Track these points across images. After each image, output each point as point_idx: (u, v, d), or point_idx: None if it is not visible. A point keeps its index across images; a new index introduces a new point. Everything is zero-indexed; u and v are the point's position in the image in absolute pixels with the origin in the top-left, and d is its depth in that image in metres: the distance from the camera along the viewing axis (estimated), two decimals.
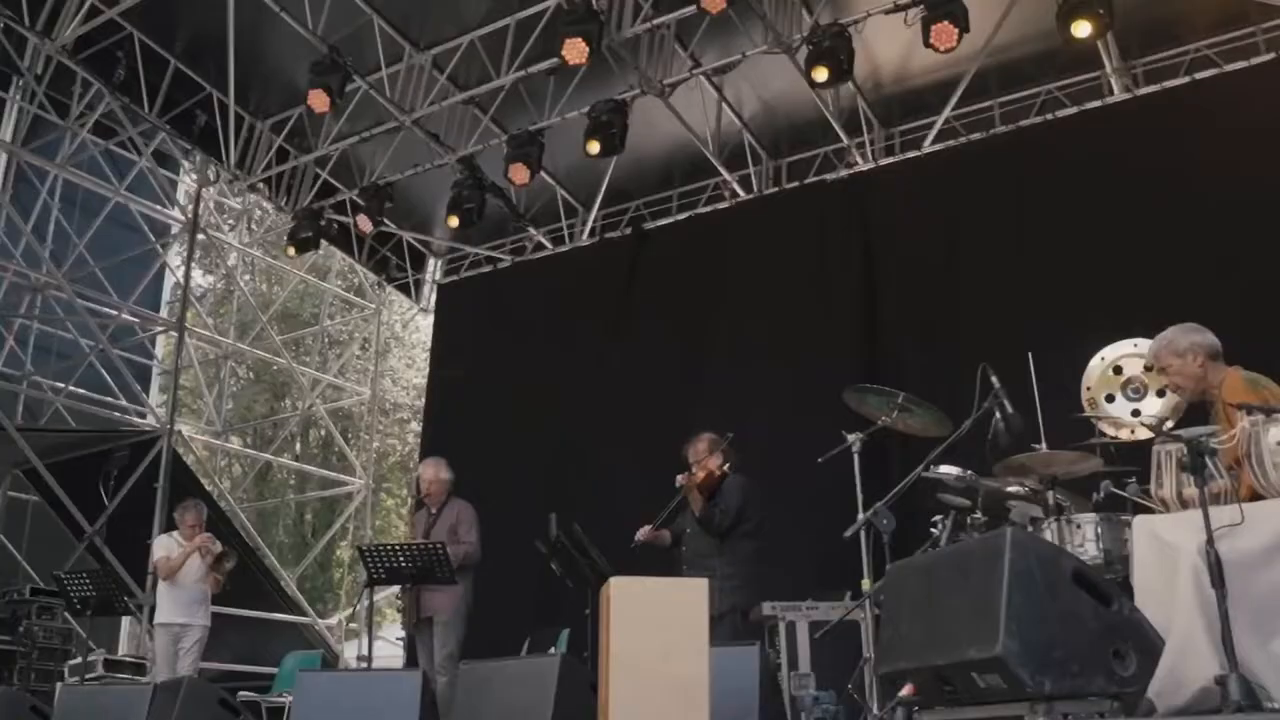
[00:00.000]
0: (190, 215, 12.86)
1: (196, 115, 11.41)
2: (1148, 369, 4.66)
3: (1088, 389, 4.99)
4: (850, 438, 4.80)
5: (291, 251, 11.86)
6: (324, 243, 12.37)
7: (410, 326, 19.28)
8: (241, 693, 8.99)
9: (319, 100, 9.70)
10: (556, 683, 4.98)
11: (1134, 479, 4.17)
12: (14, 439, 10.22)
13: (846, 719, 4.48)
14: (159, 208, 14.19)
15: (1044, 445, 4.45)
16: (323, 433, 16.78)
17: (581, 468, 10.10)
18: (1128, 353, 4.96)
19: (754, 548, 6.30)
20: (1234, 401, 3.67)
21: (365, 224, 11.26)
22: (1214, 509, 3.26)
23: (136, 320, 13.42)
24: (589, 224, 12.31)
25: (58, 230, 13.04)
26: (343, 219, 12.19)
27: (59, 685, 8.36)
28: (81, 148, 12.54)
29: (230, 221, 15.38)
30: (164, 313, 15.01)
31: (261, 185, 12.15)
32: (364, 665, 7.35)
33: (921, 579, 3.50)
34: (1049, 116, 9.61)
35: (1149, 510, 3.86)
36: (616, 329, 10.85)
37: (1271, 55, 8.74)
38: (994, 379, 4.39)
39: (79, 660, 8.90)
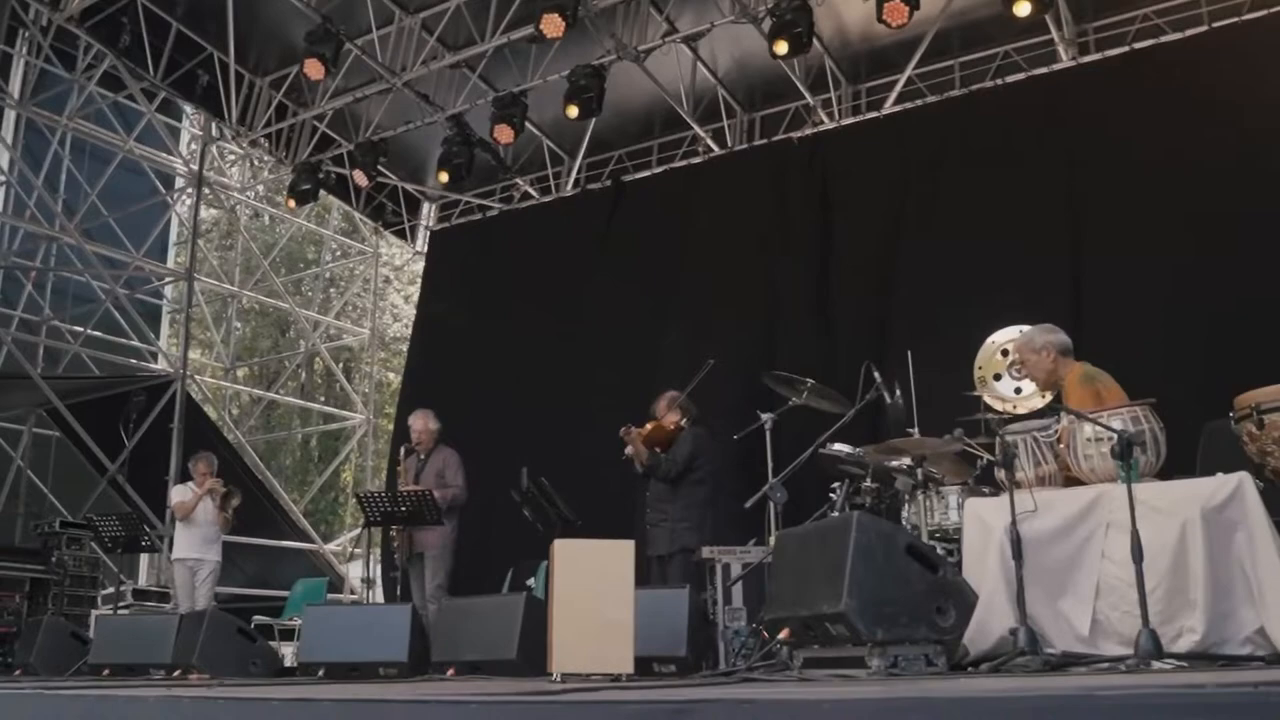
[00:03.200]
0: (195, 168, 13.49)
1: (198, 75, 12.02)
2: (1011, 363, 5.41)
3: (979, 368, 5.76)
4: (764, 417, 5.60)
5: (291, 203, 12.53)
6: (323, 192, 13.05)
7: (409, 264, 19.95)
8: (255, 616, 9.98)
9: (314, 69, 10.34)
10: (521, 617, 5.87)
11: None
12: (38, 384, 11.00)
13: (758, 648, 5.30)
14: (166, 156, 14.82)
15: (916, 431, 5.22)
16: (333, 364, 17.56)
17: (558, 412, 10.77)
18: (1013, 338, 5.70)
19: (706, 494, 7.07)
20: (1077, 390, 4.47)
21: (361, 178, 11.94)
22: (1037, 492, 4.08)
23: (146, 270, 14.12)
24: (573, 174, 12.97)
25: (69, 180, 13.67)
26: (341, 170, 12.84)
27: (93, 613, 9.28)
28: (89, 100, 13.14)
29: (234, 157, 15.97)
30: (172, 255, 15.71)
31: (262, 140, 12.79)
32: (368, 588, 8.23)
33: (796, 546, 4.35)
34: (999, 82, 10.14)
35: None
36: (594, 278, 11.49)
37: (1205, 28, 9.26)
38: (876, 375, 5.16)
39: (110, 590, 9.81)
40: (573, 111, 10.46)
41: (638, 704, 2.12)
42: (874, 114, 10.82)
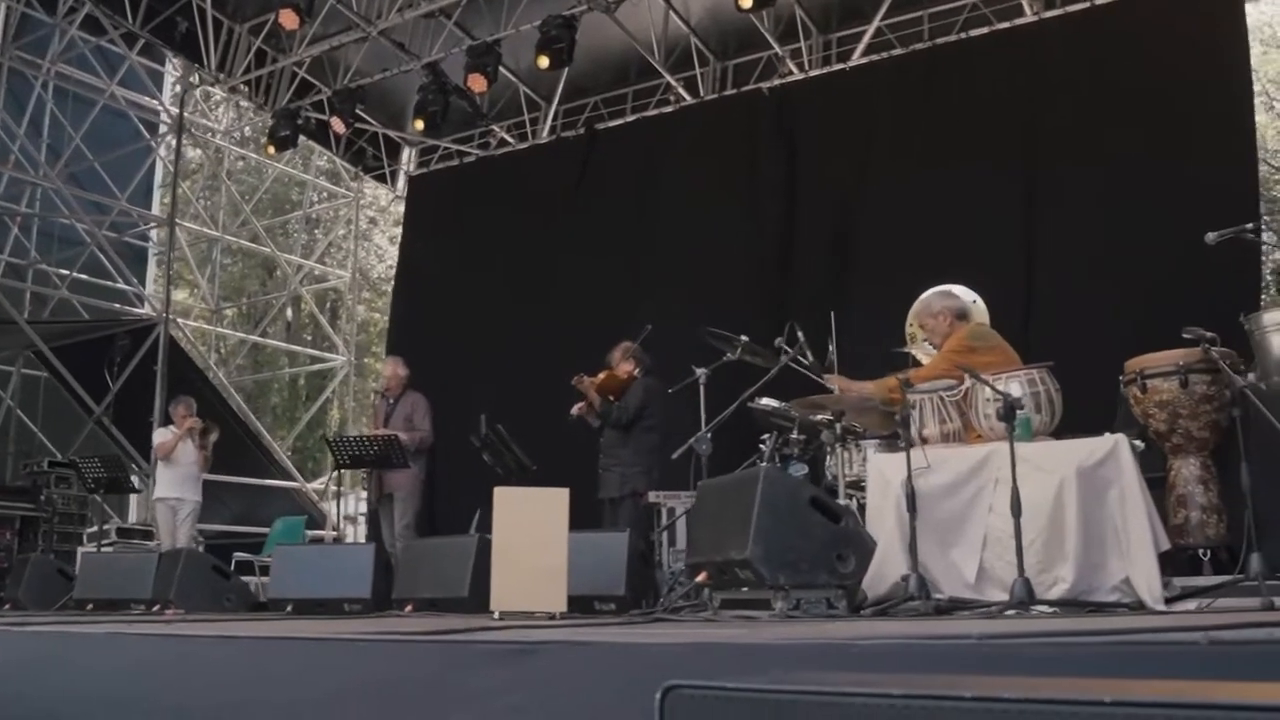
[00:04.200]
0: (176, 115, 13.63)
1: (177, 22, 12.12)
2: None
3: (910, 325, 6.03)
4: (698, 371, 5.91)
5: (271, 150, 12.69)
6: (302, 138, 13.20)
7: (393, 206, 20.12)
8: (236, 554, 10.34)
9: (289, 19, 10.51)
10: (474, 558, 6.21)
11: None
12: (23, 329, 11.28)
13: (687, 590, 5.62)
14: (148, 100, 14.94)
15: (838, 388, 5.48)
16: (314, 307, 17.84)
17: (531, 357, 11.03)
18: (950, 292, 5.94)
19: (656, 441, 7.38)
20: (950, 356, 4.76)
21: (339, 125, 12.10)
22: (934, 449, 4.39)
23: (134, 215, 14.32)
24: (549, 121, 13.12)
25: (53, 123, 13.81)
26: (321, 116, 12.97)
27: (79, 550, 9.65)
28: (70, 44, 13.24)
29: (219, 100, 16.07)
30: (157, 198, 15.88)
31: (242, 86, 12.93)
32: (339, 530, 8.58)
33: (715, 497, 4.66)
34: (962, 35, 10.28)
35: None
36: (567, 226, 11.71)
37: None
38: (799, 334, 5.44)
39: (95, 528, 10.17)
40: (544, 62, 10.62)
41: (485, 644, 2.42)
42: (841, 66, 10.96)
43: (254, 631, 3.38)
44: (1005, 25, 10.06)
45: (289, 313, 20.29)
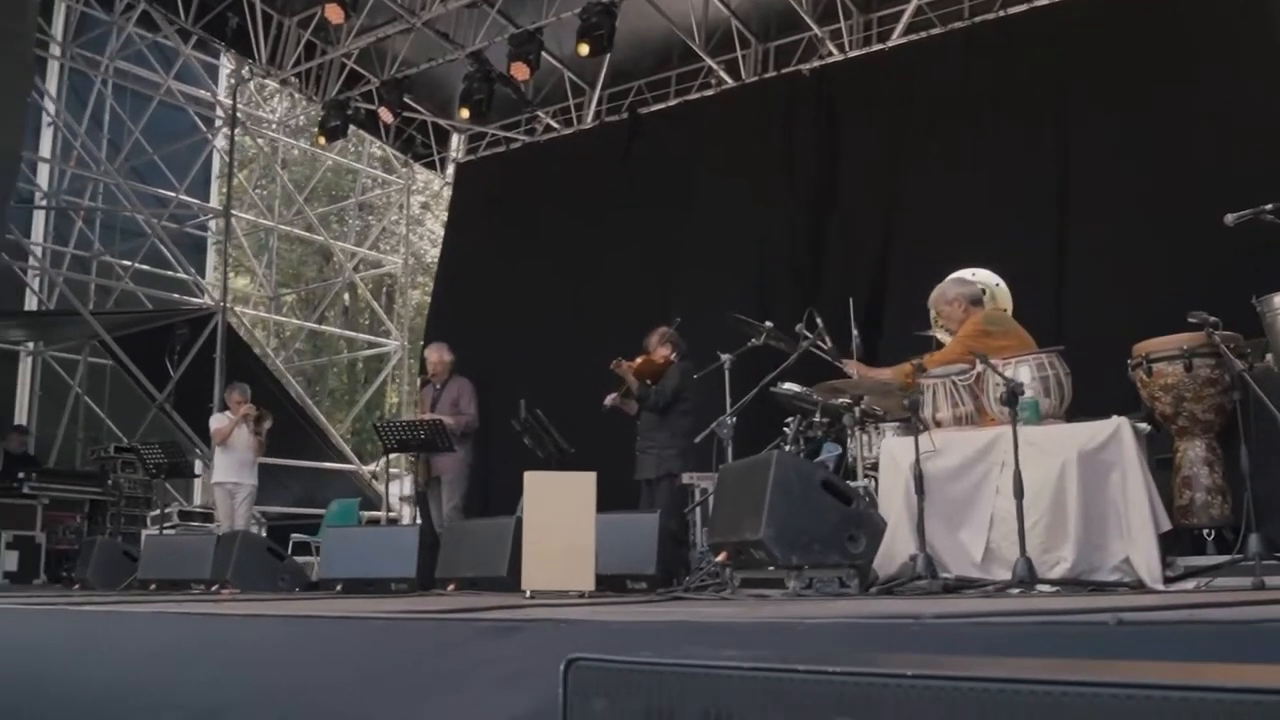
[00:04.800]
0: (230, 110, 14.00)
1: (228, 17, 12.45)
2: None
3: (932, 308, 6.11)
4: (723, 357, 6.07)
5: (322, 140, 13.00)
6: (353, 127, 13.50)
7: (445, 191, 20.42)
8: (294, 535, 10.71)
9: (334, 13, 10.77)
10: (512, 539, 6.42)
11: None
12: (89, 321, 11.73)
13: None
14: (204, 93, 15.34)
15: (855, 373, 5.60)
16: (368, 292, 18.20)
17: (573, 340, 11.22)
18: (965, 279, 6.03)
19: (691, 424, 7.52)
20: (964, 341, 4.87)
21: (386, 115, 12.38)
22: (945, 432, 4.52)
23: (193, 207, 14.74)
24: (593, 106, 13.26)
25: (112, 118, 14.25)
26: (370, 106, 13.25)
27: (143, 533, 10.05)
28: (128, 41, 13.65)
29: (274, 90, 16.46)
30: (215, 189, 16.33)
31: (293, 79, 13.24)
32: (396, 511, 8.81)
33: (733, 479, 4.83)
34: (1001, 13, 10.23)
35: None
36: (610, 211, 11.84)
37: None
38: (818, 320, 5.56)
39: (158, 511, 10.59)
40: (584, 49, 10.77)
41: (469, 621, 2.61)
42: (880, 46, 10.97)
43: (222, 610, 3.61)
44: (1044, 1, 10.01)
45: (346, 298, 20.72)
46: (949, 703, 1.38)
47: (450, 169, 15.07)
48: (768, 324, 6.00)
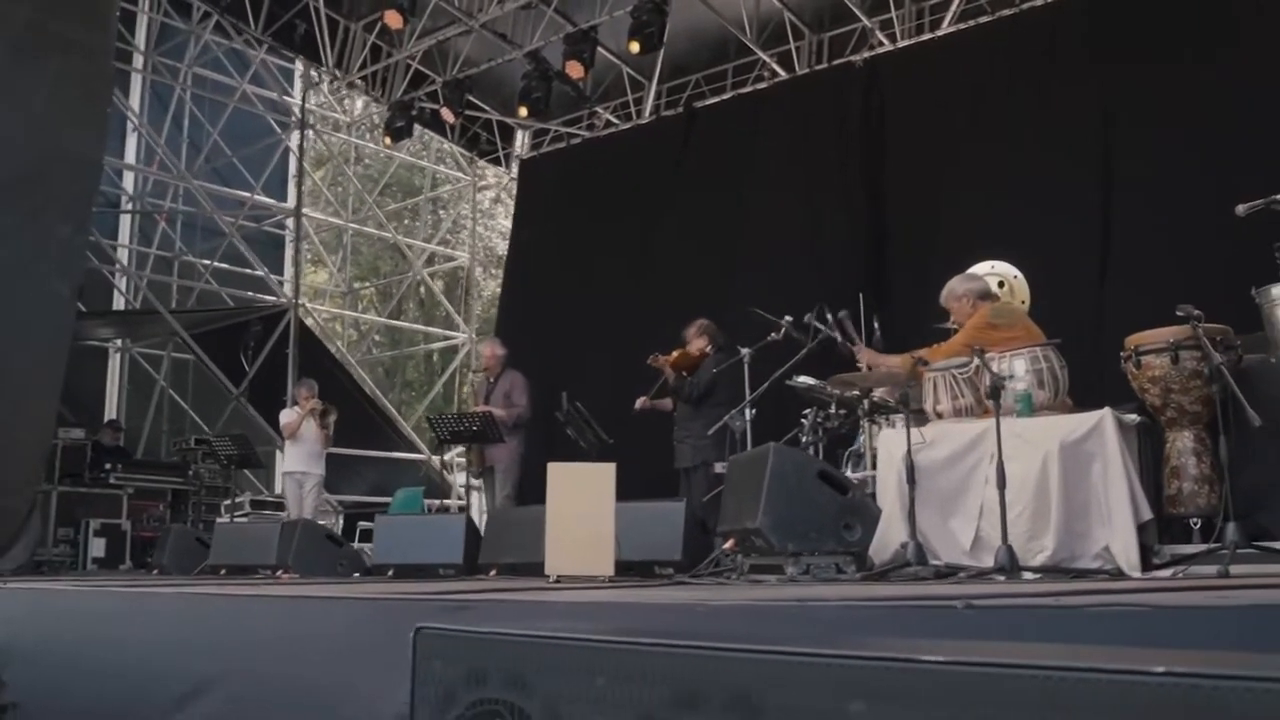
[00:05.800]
0: (300, 115, 14.52)
1: (296, 24, 12.93)
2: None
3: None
4: (743, 351, 6.27)
5: (388, 141, 13.44)
6: (418, 127, 13.92)
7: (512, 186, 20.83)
8: (360, 522, 11.16)
9: (394, 19, 11.17)
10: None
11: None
12: (168, 320, 12.35)
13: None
14: (279, 97, 15.91)
15: (865, 367, 5.75)
16: (435, 287, 18.68)
17: (630, 333, 11.44)
18: (985, 273, 6.13)
19: (726, 415, 7.74)
20: (968, 334, 5.00)
21: (448, 115, 12.77)
22: (937, 425, 4.67)
23: (271, 207, 15.34)
24: (651, 101, 13.48)
25: (192, 122, 14.89)
26: (435, 106, 13.64)
27: (217, 520, 10.58)
28: (205, 48, 14.26)
29: (348, 91, 16.96)
30: (291, 188, 16.93)
31: (359, 81, 13.69)
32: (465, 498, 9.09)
33: (740, 470, 5.04)
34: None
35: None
36: (667, 206, 12.06)
37: None
38: (829, 314, 5.72)
39: (230, 501, 11.14)
40: (634, 47, 11.02)
41: (429, 600, 2.87)
42: (929, 35, 11.00)
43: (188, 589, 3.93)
44: None
45: (421, 291, 21.26)
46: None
47: (515, 165, 15.42)
48: (787, 318, 6.18)
